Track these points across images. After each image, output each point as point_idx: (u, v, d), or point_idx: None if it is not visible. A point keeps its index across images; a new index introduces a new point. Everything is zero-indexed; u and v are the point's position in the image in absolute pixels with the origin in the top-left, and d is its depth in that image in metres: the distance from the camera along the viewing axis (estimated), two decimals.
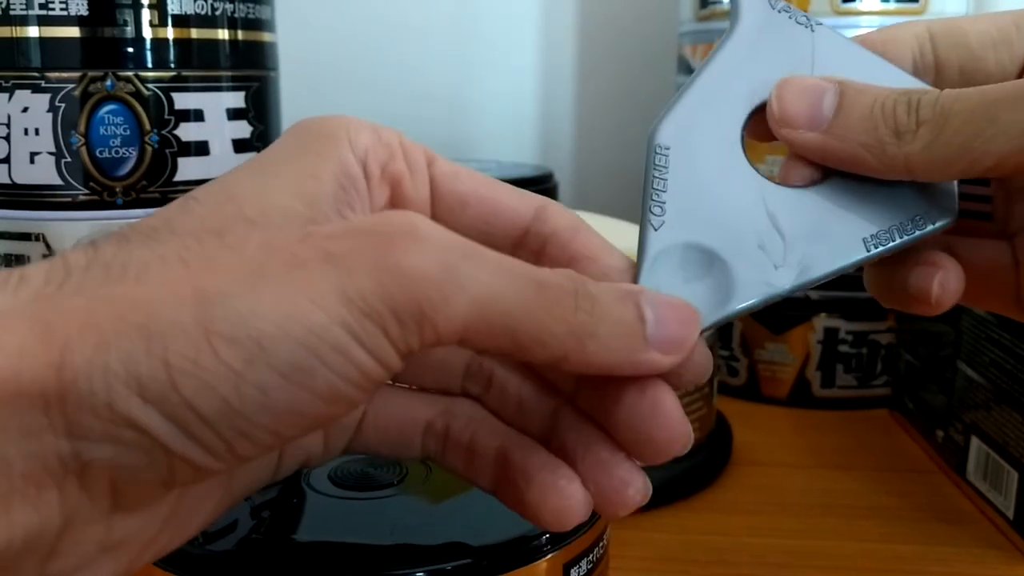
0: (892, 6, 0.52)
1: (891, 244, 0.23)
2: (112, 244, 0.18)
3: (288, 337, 0.17)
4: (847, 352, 0.55)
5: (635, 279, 0.23)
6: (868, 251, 0.23)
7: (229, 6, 0.45)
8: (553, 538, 0.26)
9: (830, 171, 0.24)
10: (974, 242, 0.26)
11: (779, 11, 0.24)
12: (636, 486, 0.21)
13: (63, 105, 0.42)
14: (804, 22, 0.25)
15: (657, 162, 0.23)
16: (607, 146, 0.76)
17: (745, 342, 0.57)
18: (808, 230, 0.23)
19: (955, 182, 0.24)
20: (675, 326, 0.20)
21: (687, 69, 0.59)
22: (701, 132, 0.24)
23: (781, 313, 0.55)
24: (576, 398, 0.23)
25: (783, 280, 0.23)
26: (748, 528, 0.40)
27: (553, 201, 0.24)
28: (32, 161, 0.43)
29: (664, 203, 0.23)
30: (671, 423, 0.21)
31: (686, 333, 0.20)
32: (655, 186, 0.23)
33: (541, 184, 0.60)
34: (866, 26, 0.51)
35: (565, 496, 0.21)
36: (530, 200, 0.23)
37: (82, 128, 0.42)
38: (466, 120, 0.74)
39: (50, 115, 0.42)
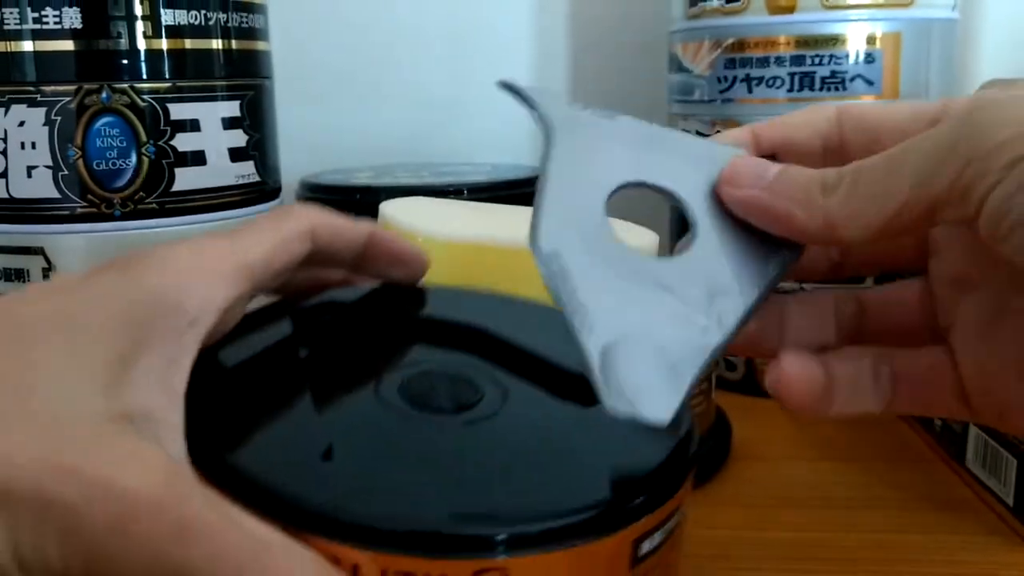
0: None
1: (772, 277, 0.26)
2: None
3: None
4: None
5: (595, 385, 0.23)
6: (759, 288, 0.25)
7: (222, 16, 0.46)
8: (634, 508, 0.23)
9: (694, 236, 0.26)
10: (911, 354, 0.27)
11: (581, 110, 0.27)
12: None
13: (59, 118, 0.42)
14: (607, 115, 0.27)
15: (552, 268, 0.24)
16: None
17: None
18: (706, 288, 0.25)
19: None
20: None
21: (679, 67, 0.59)
22: (577, 234, 0.25)
23: None
24: None
25: (712, 337, 0.25)
26: (749, 521, 0.40)
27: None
28: (29, 175, 0.43)
29: (583, 305, 0.24)
30: None
31: None
32: (564, 292, 0.24)
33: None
34: (854, 19, 0.51)
35: None
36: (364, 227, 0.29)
37: (78, 141, 0.43)
38: (462, 124, 0.75)
39: (46, 128, 0.42)
